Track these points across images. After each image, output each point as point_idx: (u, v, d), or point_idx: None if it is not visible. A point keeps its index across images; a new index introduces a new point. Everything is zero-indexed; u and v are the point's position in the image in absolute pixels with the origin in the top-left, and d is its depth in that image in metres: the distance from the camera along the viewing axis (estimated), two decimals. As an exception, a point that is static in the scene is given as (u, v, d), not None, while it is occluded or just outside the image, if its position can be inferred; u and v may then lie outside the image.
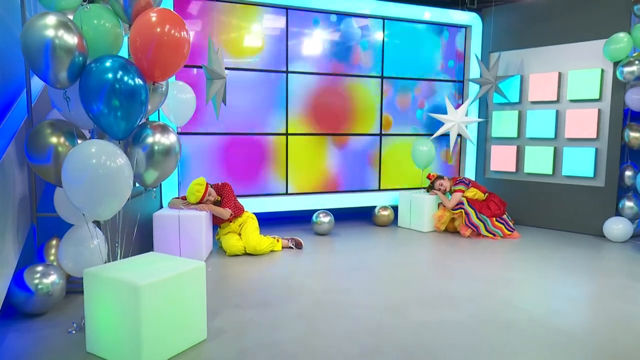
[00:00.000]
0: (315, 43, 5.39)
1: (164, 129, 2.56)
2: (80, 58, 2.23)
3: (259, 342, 2.50)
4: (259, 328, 2.68)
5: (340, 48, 5.50)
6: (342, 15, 5.46)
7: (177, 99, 3.97)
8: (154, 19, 2.31)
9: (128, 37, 2.38)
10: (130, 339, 2.18)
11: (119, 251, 2.57)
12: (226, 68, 4.62)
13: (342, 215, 5.90)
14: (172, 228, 3.98)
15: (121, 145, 2.41)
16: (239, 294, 3.26)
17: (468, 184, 5.23)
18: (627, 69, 4.77)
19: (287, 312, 2.93)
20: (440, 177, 5.36)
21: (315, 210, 5.20)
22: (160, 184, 4.74)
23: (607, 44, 4.88)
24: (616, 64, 4.94)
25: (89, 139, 2.54)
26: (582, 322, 2.84)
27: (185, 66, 4.80)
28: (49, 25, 2.14)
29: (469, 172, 6.19)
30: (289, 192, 5.43)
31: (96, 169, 2.17)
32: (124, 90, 2.23)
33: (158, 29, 2.30)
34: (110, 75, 2.21)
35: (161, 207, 4.65)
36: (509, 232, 5.08)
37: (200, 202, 4.18)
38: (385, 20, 5.66)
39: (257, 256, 4.24)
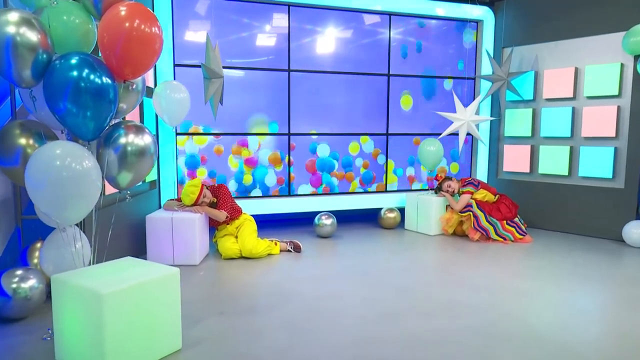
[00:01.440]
0: (326, 41, 5.24)
1: (138, 129, 2.45)
2: (45, 55, 2.13)
3: (235, 353, 2.37)
4: (239, 337, 2.55)
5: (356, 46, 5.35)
6: (351, 11, 5.30)
7: (170, 99, 3.88)
8: (122, 13, 2.20)
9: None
10: (95, 348, 2.08)
11: (92, 256, 2.47)
12: (224, 67, 4.52)
13: (348, 217, 5.74)
14: (165, 231, 3.89)
15: (91, 147, 2.31)
16: (226, 300, 3.14)
17: (477, 185, 5.00)
18: (648, 63, 4.47)
19: (272, 320, 2.79)
20: (448, 178, 5.15)
21: (319, 212, 5.06)
22: (159, 185, 4.67)
23: (627, 37, 4.58)
24: (636, 57, 4.63)
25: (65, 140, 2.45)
26: (590, 338, 2.60)
27: (186, 65, 4.73)
28: (10, 22, 2.05)
29: (481, 173, 5.94)
30: (291, 193, 5.30)
31: (60, 172, 2.07)
32: (90, 88, 2.13)
33: (127, 24, 2.19)
34: (74, 73, 2.11)
35: (160, 208, 4.58)
36: (520, 236, 4.83)
37: (195, 204, 4.08)
38: (392, 16, 5.47)
39: (253, 260, 4.11)
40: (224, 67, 4.57)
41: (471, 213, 4.82)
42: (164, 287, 2.30)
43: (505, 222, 4.84)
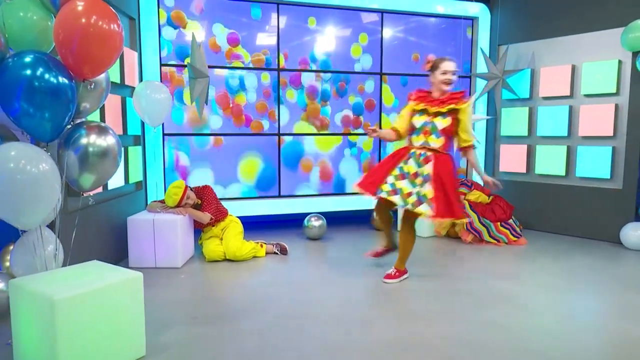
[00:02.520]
0: (323, 39, 5.15)
1: (101, 130, 2.38)
2: (-3, 54, 2.07)
3: (200, 361, 2.30)
4: (206, 344, 2.47)
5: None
6: (345, 9, 5.20)
7: (150, 99, 3.82)
8: (79, 8, 2.13)
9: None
10: (49, 355, 2.01)
11: (55, 260, 2.41)
12: (209, 66, 4.46)
13: (341, 219, 5.63)
14: (146, 233, 3.82)
15: (49, 148, 2.25)
16: (201, 305, 3.06)
17: (470, 186, 4.88)
18: (646, 60, 4.32)
19: (244, 326, 2.71)
20: None
21: (309, 213, 4.97)
22: (145, 186, 4.61)
23: (625, 33, 4.43)
24: (635, 54, 4.48)
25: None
26: (575, 348, 2.48)
27: (172, 65, 4.67)
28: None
29: (477, 174, 5.79)
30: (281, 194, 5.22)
31: (14, 174, 2.01)
32: (45, 88, 2.07)
33: (83, 20, 2.12)
34: (28, 72, 2.04)
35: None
36: (515, 238, 4.70)
37: (178, 206, 4.02)
38: (384, 14, 5.36)
39: (238, 263, 4.03)
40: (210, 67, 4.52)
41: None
42: (125, 292, 2.22)
43: (499, 223, 4.71)
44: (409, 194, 3.26)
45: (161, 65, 4.65)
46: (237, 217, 4.42)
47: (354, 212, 5.52)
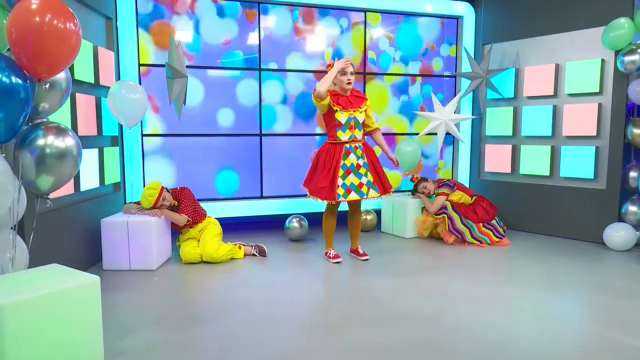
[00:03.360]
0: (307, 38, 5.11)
1: (59, 130, 2.34)
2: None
3: (157, 367, 2.25)
4: (166, 349, 2.43)
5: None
6: (324, 8, 5.16)
7: (125, 99, 3.78)
8: (33, 6, 2.08)
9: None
10: (-3, 363, 1.96)
11: (11, 263, 2.35)
12: (188, 66, 4.41)
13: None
14: (121, 235, 3.78)
15: (4, 150, 2.20)
16: (167, 308, 3.02)
17: (453, 186, 4.83)
18: (628, 58, 4.27)
19: (209, 329, 2.66)
20: (424, 180, 4.99)
21: (291, 215, 4.93)
22: (124, 188, 4.57)
23: (606, 31, 4.39)
24: (617, 53, 4.45)
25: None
26: (547, 352, 2.44)
27: (151, 65, 4.62)
28: None
29: (463, 174, 5.77)
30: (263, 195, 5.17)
31: (-38, 175, 1.96)
32: (-6, 87, 2.02)
33: (37, 19, 2.08)
34: (-24, 71, 1.99)
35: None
36: (497, 239, 4.65)
37: (154, 207, 3.97)
38: (366, 13, 5.32)
39: (214, 265, 3.99)
40: (188, 67, 4.48)
41: (445, 215, 4.66)
42: (80, 296, 2.18)
43: (481, 224, 4.67)
44: (361, 185, 3.81)
45: (140, 65, 4.60)
46: (218, 218, 4.38)
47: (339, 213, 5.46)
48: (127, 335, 2.59)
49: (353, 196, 3.78)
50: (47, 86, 2.18)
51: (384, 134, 4.53)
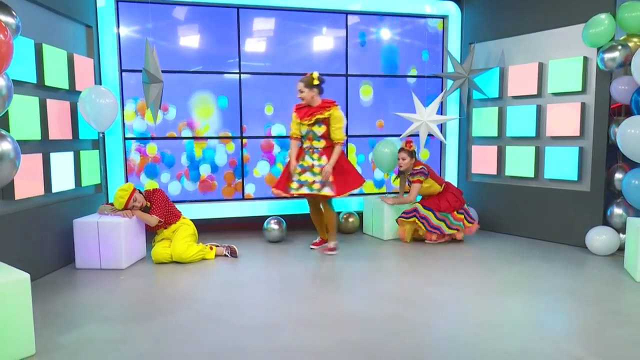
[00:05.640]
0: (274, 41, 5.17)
1: (-4, 134, 2.45)
2: None
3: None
4: (102, 345, 2.51)
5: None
6: (307, 11, 5.19)
7: (95, 104, 3.91)
8: (-38, 18, 2.21)
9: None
10: None
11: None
12: (163, 71, 4.52)
13: (303, 222, 5.57)
14: (91, 234, 3.91)
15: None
16: (121, 306, 3.11)
17: (427, 174, 4.69)
18: (607, 56, 4.12)
19: (151, 328, 2.73)
20: (407, 152, 4.74)
21: (270, 216, 4.97)
22: (106, 189, 4.72)
23: (586, 28, 4.25)
24: (599, 50, 4.29)
25: None
26: (471, 358, 2.39)
27: (131, 70, 4.76)
28: None
29: (450, 176, 5.67)
30: (244, 197, 5.24)
31: None
32: None
33: (-34, 30, 2.20)
34: None
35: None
36: (469, 224, 4.68)
37: (125, 208, 4.09)
38: (349, 15, 5.32)
39: (184, 265, 4.07)
40: (164, 72, 4.59)
41: (416, 218, 4.61)
42: (8, 292, 2.28)
43: (455, 212, 4.64)
44: (313, 182, 4.18)
45: (121, 71, 4.75)
46: (194, 219, 4.46)
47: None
48: (71, 330, 2.68)
49: (303, 190, 4.22)
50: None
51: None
